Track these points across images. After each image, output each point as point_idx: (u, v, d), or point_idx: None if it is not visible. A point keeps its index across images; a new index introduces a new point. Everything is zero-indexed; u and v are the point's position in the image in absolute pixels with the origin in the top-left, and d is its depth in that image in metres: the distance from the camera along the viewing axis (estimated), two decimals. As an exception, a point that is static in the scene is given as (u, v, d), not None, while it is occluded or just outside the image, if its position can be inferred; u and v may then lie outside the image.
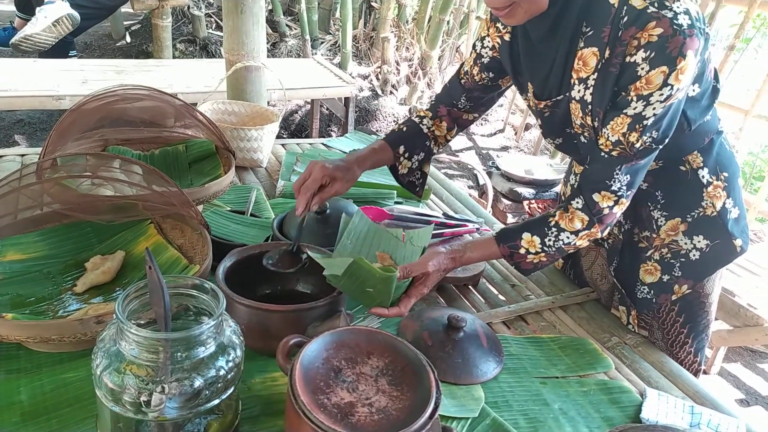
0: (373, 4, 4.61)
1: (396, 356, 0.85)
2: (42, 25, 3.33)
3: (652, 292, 1.19)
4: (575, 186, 1.08)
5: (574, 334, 1.17)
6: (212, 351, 0.72)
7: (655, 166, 1.13)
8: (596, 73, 0.99)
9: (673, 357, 1.21)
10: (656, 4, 0.91)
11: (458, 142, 4.37)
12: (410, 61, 4.58)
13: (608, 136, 0.99)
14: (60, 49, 3.52)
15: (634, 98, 0.95)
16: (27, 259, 1.08)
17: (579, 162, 1.23)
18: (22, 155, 1.64)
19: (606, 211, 1.03)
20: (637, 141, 0.97)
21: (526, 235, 1.07)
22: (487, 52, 1.21)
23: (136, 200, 1.14)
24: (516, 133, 4.58)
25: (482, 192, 3.23)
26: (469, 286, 1.29)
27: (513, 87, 1.25)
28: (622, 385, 1.03)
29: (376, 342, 0.86)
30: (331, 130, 4.06)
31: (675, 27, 0.90)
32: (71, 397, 0.85)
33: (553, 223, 1.06)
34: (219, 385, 0.72)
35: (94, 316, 0.87)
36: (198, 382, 0.70)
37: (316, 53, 4.45)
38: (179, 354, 0.69)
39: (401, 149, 1.29)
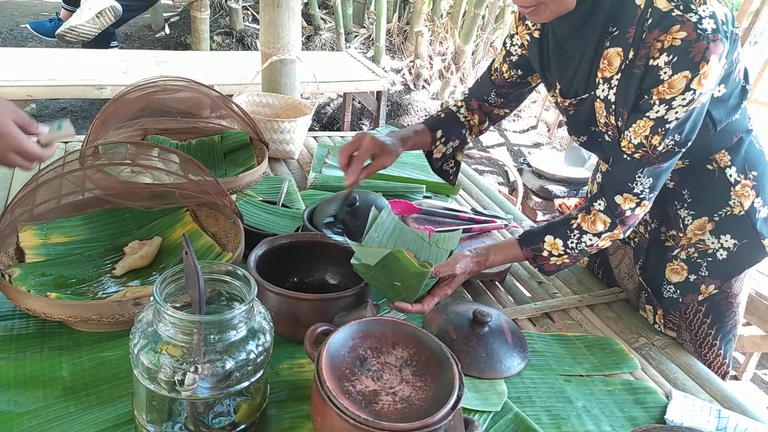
0: (407, -3, 4.60)
1: (420, 348, 0.86)
2: (86, 16, 3.42)
3: (678, 291, 1.18)
4: (598, 187, 1.08)
5: (600, 334, 1.16)
6: (243, 335, 0.74)
7: (681, 164, 1.13)
8: (620, 73, 0.99)
9: (701, 358, 1.20)
10: (681, 7, 0.90)
11: (490, 137, 4.34)
12: (443, 55, 4.56)
13: (630, 139, 0.99)
14: (102, 40, 3.62)
15: (657, 102, 0.95)
16: (69, 242, 1.13)
17: (604, 160, 1.22)
18: (66, 142, 1.70)
19: (628, 213, 1.03)
20: (660, 144, 0.97)
21: (548, 238, 1.07)
22: (516, 50, 1.22)
23: (174, 188, 1.18)
24: (549, 130, 4.52)
25: (512, 189, 3.21)
26: (496, 282, 1.29)
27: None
28: (648, 385, 1.03)
29: (401, 333, 0.88)
30: (363, 124, 4.08)
31: (699, 31, 0.89)
32: (109, 375, 0.89)
33: (575, 225, 1.06)
34: (249, 368, 0.74)
35: (132, 298, 0.91)
36: (229, 364, 0.72)
37: (349, 47, 4.47)
38: (212, 336, 0.72)
39: (439, 133, 1.30)
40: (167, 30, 4.71)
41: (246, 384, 0.75)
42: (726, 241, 1.12)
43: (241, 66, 3.09)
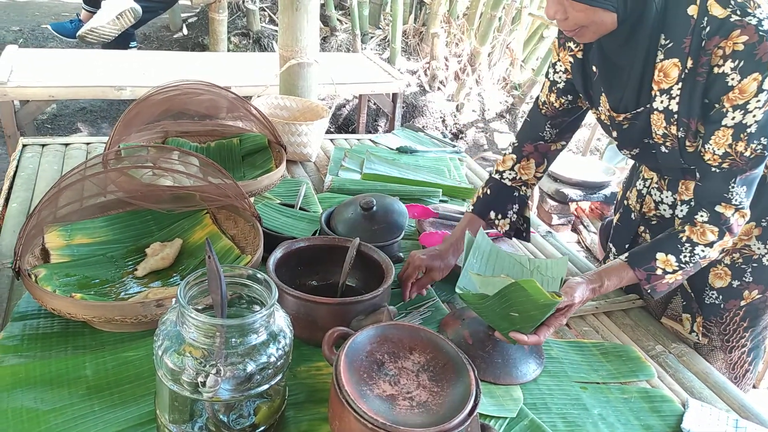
0: (424, -1, 4.61)
1: (437, 353, 0.87)
2: (107, 18, 3.48)
3: (720, 297, 1.17)
4: (694, 202, 1.06)
5: (617, 341, 1.16)
6: (264, 339, 0.75)
7: None
8: (680, 83, 0.98)
9: (727, 363, 1.19)
10: (739, 12, 0.91)
11: (505, 139, 4.33)
12: (459, 57, 4.56)
13: (714, 151, 0.99)
14: (121, 41, 3.67)
15: (730, 109, 0.94)
16: (93, 243, 1.15)
17: (651, 169, 1.21)
18: (87, 143, 1.73)
19: (731, 220, 1.02)
20: (746, 149, 0.96)
21: (660, 255, 1.05)
22: (560, 77, 1.21)
23: (194, 191, 1.20)
24: (565, 133, 4.49)
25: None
26: (512, 287, 1.29)
27: None
28: (664, 394, 1.03)
29: (418, 338, 0.89)
30: (378, 125, 4.09)
31: (761, 33, 0.89)
32: (132, 375, 0.90)
33: (684, 239, 1.04)
34: (269, 371, 0.75)
35: (154, 299, 0.93)
36: (250, 367, 0.74)
37: (365, 48, 4.48)
38: (233, 339, 0.74)
39: (491, 215, 1.28)
40: (185, 31, 4.76)
41: (266, 387, 0.76)
42: None
43: (258, 67, 3.11)
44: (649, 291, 1.07)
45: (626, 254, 1.08)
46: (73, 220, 1.17)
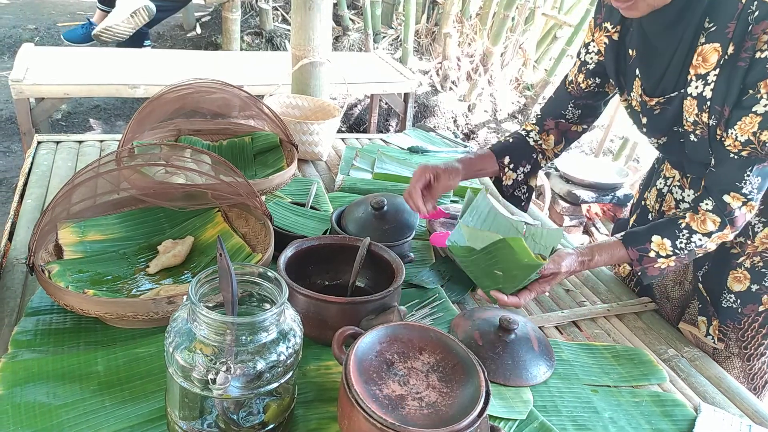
0: (436, -1, 4.60)
1: (447, 354, 0.87)
2: (121, 16, 3.51)
3: (738, 301, 1.16)
4: (703, 189, 1.05)
5: (628, 344, 1.15)
6: (274, 337, 0.76)
7: None
8: (718, 69, 0.96)
9: (746, 372, 1.17)
10: None
11: (517, 140, 4.31)
12: (471, 57, 4.54)
13: (737, 137, 0.96)
14: (136, 40, 3.70)
15: (765, 95, 0.92)
16: (105, 239, 1.16)
17: (674, 164, 1.19)
18: (101, 141, 1.75)
19: (737, 212, 1.00)
20: None
21: (655, 238, 1.04)
22: (592, 58, 1.20)
23: (206, 189, 1.20)
24: (577, 134, 4.47)
25: (539, 193, 3.18)
26: (523, 289, 1.29)
27: None
28: (676, 398, 1.02)
29: (428, 338, 0.89)
30: (389, 125, 4.09)
31: None
32: (143, 371, 0.91)
33: (683, 225, 1.03)
34: (279, 369, 0.76)
35: (166, 296, 0.94)
36: (260, 365, 0.74)
37: (377, 47, 4.48)
38: (244, 337, 0.74)
39: (506, 159, 1.28)
40: (198, 30, 4.79)
41: (275, 385, 0.76)
42: None
43: (270, 66, 3.12)
44: (639, 273, 1.06)
45: (622, 233, 1.07)
46: (87, 217, 1.18)
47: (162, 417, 0.83)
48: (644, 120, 1.14)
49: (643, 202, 1.31)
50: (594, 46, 1.18)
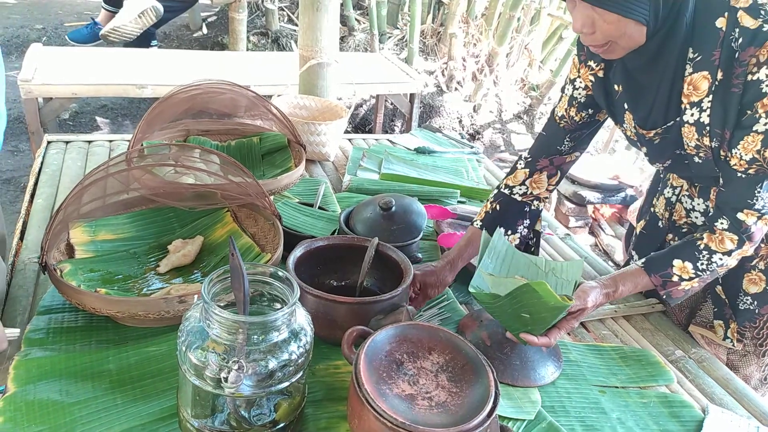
0: (442, -1, 4.60)
1: (456, 354, 0.87)
2: (129, 16, 3.52)
3: (755, 303, 1.16)
4: (715, 208, 1.05)
5: (636, 345, 1.16)
6: (285, 336, 0.76)
7: None
8: (711, 95, 0.98)
9: (759, 361, 1.17)
10: None
11: (522, 141, 4.31)
12: (477, 57, 4.54)
13: (741, 156, 0.98)
14: (143, 40, 3.72)
15: (763, 115, 0.93)
16: (116, 239, 1.17)
17: (687, 179, 1.20)
18: (110, 141, 1.76)
19: (753, 228, 1.01)
20: None
21: (677, 262, 1.05)
22: (580, 93, 1.20)
23: (215, 189, 1.21)
24: (583, 135, 4.46)
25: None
26: (530, 289, 1.29)
27: None
28: (684, 399, 1.02)
29: (437, 339, 0.89)
30: (395, 125, 4.09)
31: None
32: (154, 369, 0.92)
33: (702, 246, 1.04)
34: (290, 368, 0.76)
35: (177, 296, 0.94)
36: (272, 364, 0.74)
37: (383, 48, 4.49)
38: (255, 337, 0.75)
39: (501, 231, 1.23)
40: (205, 30, 4.80)
41: (286, 384, 0.77)
42: None
43: (277, 67, 3.13)
44: (665, 297, 1.06)
45: (643, 260, 1.07)
46: (97, 217, 1.19)
47: (173, 415, 0.84)
48: (644, 149, 1.15)
49: (652, 209, 1.31)
50: (581, 82, 1.19)
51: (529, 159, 1.27)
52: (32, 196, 1.42)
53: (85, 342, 0.97)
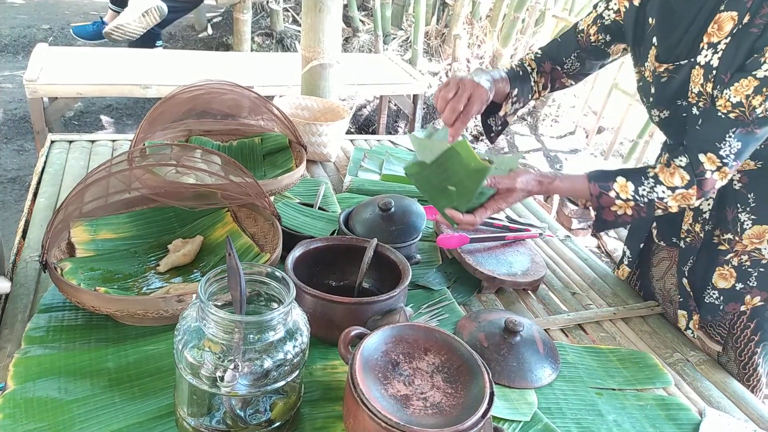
0: (446, 0, 4.60)
1: (452, 355, 0.88)
2: (132, 15, 3.54)
3: (721, 298, 1.15)
4: (682, 146, 1.04)
5: (634, 347, 1.16)
6: (281, 336, 0.77)
7: (753, 166, 1.10)
8: (729, 38, 0.96)
9: (743, 380, 1.17)
10: None
11: (526, 142, 4.31)
12: (481, 58, 4.54)
13: (729, 97, 0.96)
14: (148, 40, 3.74)
15: None
16: (117, 238, 1.18)
17: (673, 147, 1.20)
18: (113, 141, 1.77)
19: (708, 174, 1.00)
20: (759, 106, 0.94)
21: (620, 179, 1.04)
22: (609, 15, 1.19)
23: (216, 189, 1.22)
24: (587, 136, 4.46)
25: (547, 196, 3.18)
26: (529, 291, 1.29)
27: (584, 85, 1.23)
28: (681, 402, 1.02)
29: (433, 339, 0.90)
30: (398, 126, 4.10)
31: None
32: (152, 368, 0.92)
33: (651, 174, 1.03)
34: (286, 367, 0.77)
35: (175, 294, 0.95)
36: (267, 363, 0.75)
37: (387, 49, 4.49)
38: (251, 336, 0.75)
39: (515, 91, 1.26)
40: (210, 30, 4.82)
41: (282, 383, 0.77)
42: None
43: (280, 67, 3.14)
44: (596, 216, 1.06)
45: (593, 170, 1.08)
46: (99, 216, 1.19)
47: (171, 413, 0.85)
48: (652, 89, 1.13)
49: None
50: (615, 4, 1.17)
51: (539, 55, 1.29)
52: (35, 194, 1.43)
53: (84, 340, 0.98)
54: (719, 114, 0.98)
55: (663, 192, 1.02)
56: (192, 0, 3.90)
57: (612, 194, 1.04)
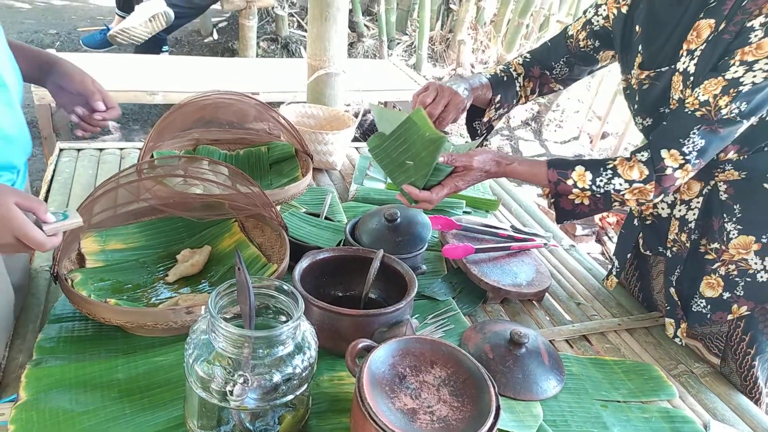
0: (451, 6, 4.62)
1: (458, 368, 0.88)
2: (139, 19, 3.57)
3: (708, 307, 1.16)
4: (647, 142, 1.06)
5: (639, 359, 1.16)
6: (290, 350, 0.78)
7: (737, 177, 1.11)
8: (705, 44, 0.98)
9: (743, 383, 1.17)
10: None
11: (530, 148, 4.31)
12: (485, 63, 4.56)
13: (698, 95, 0.98)
14: (153, 46, 3.76)
15: (737, 62, 0.94)
16: (126, 248, 1.20)
17: None
18: (121, 149, 1.79)
19: (669, 171, 1.01)
20: (725, 107, 0.96)
21: (579, 168, 1.06)
22: (599, 21, 1.21)
23: (223, 199, 1.23)
24: (591, 141, 4.46)
25: (550, 202, 3.18)
26: (534, 302, 1.30)
27: (588, 90, 1.25)
28: (685, 414, 1.02)
29: (439, 352, 0.90)
30: (403, 131, 4.11)
31: None
32: (161, 380, 0.93)
33: (610, 165, 1.05)
34: (295, 381, 0.78)
35: (184, 306, 0.96)
36: (276, 377, 0.76)
37: (392, 54, 4.51)
38: (261, 350, 0.76)
39: (498, 97, 1.28)
40: (215, 35, 4.84)
41: (291, 397, 0.78)
42: None
43: (286, 73, 3.16)
44: (553, 203, 1.08)
45: (553, 157, 1.10)
46: (108, 226, 1.21)
47: (180, 425, 0.86)
48: (636, 97, 1.15)
49: (628, 208, 1.32)
50: (604, 10, 1.20)
51: (528, 60, 1.31)
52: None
53: (94, 351, 0.99)
54: (686, 110, 1.00)
55: (620, 185, 1.03)
56: (199, 6, 3.92)
57: (570, 182, 1.05)
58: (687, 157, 1.00)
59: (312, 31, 1.96)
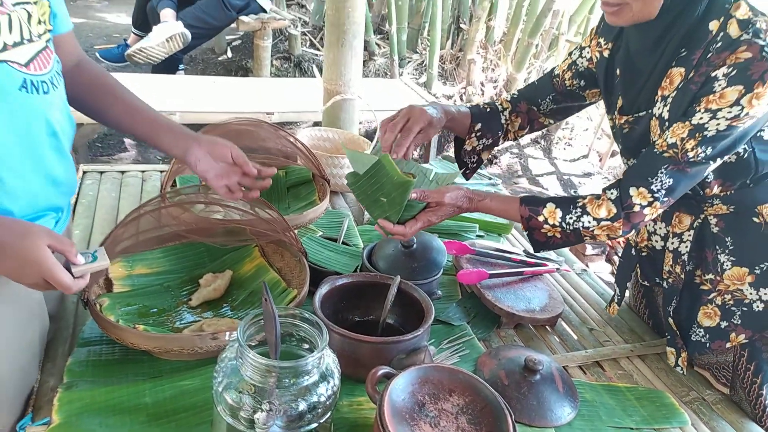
0: (461, 25, 4.68)
1: (476, 396, 0.91)
2: (157, 40, 3.65)
3: (707, 336, 1.17)
4: (619, 180, 1.10)
5: (651, 386, 1.18)
6: (315, 379, 0.81)
7: (726, 211, 1.14)
8: (676, 91, 1.03)
9: (753, 411, 1.18)
10: (751, 33, 0.95)
11: (539, 166, 4.34)
12: (495, 82, 4.60)
13: (667, 138, 1.02)
14: (170, 65, 3.84)
15: (703, 110, 0.98)
16: (151, 273, 1.23)
17: None
18: (143, 171, 1.84)
19: (637, 208, 1.04)
20: (691, 150, 1.00)
21: (550, 205, 1.10)
22: (583, 62, 1.26)
23: (245, 225, 1.26)
24: (601, 160, 4.49)
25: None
26: (547, 327, 1.32)
27: (597, 109, 1.30)
28: (698, 443, 1.04)
29: (457, 380, 0.93)
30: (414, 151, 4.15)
31: (764, 54, 0.93)
32: (188, 404, 0.97)
33: (580, 204, 1.09)
34: (319, 409, 0.81)
35: (210, 332, 1.00)
36: (302, 406, 0.79)
37: (403, 72, 4.57)
38: (286, 380, 0.79)
39: (477, 126, 1.33)
40: (229, 53, 4.93)
41: (315, 425, 0.81)
42: (765, 293, 1.12)
43: (300, 92, 3.22)
44: (528, 235, 1.12)
45: (527, 195, 1.15)
46: (134, 252, 1.24)
47: (206, 449, 0.89)
48: (620, 139, 1.20)
49: (628, 238, 1.34)
50: (588, 52, 1.25)
51: (515, 96, 1.36)
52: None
53: (122, 375, 1.02)
54: (655, 151, 1.04)
55: (589, 222, 1.08)
56: (215, 27, 4.00)
57: (541, 218, 1.10)
58: (655, 195, 1.04)
59: (328, 57, 2.02)
